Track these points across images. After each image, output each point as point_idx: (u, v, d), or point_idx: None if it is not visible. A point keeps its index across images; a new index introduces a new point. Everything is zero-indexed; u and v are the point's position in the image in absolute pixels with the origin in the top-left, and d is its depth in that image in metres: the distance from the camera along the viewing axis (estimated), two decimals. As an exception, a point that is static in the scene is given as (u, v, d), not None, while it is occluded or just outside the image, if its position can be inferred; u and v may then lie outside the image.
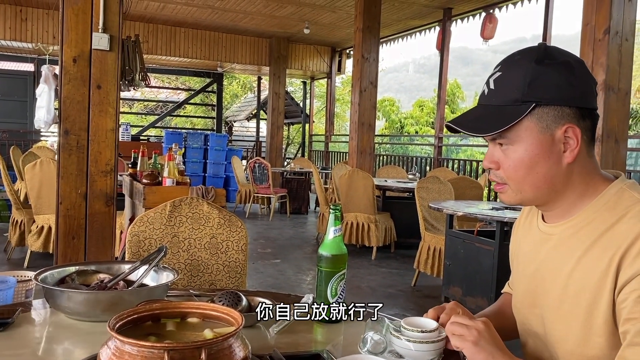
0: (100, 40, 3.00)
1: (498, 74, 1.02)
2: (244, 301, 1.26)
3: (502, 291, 1.38)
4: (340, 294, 1.29)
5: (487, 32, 7.85)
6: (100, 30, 3.00)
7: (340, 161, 10.86)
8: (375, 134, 7.77)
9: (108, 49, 3.03)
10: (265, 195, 8.77)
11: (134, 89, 5.02)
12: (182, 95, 17.58)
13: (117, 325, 0.91)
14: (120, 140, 8.96)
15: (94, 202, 3.09)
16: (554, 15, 7.02)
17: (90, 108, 3.05)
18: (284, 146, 13.41)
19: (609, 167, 1.97)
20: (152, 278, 1.39)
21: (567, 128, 0.98)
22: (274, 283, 4.81)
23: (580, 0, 4.26)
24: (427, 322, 1.10)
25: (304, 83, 14.76)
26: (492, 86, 1.02)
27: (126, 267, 1.41)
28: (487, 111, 1.02)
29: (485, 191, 7.01)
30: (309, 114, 14.60)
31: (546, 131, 0.98)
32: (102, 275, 1.39)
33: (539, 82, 0.97)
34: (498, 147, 1.04)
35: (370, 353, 1.05)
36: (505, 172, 1.04)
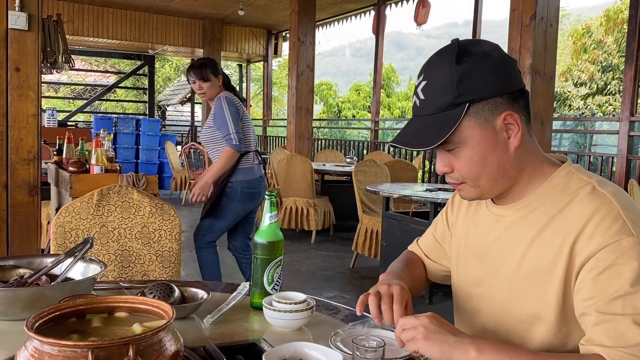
0: (18, 20, 2.81)
1: (424, 82, 1.01)
2: (177, 292, 1.22)
3: (409, 248, 1.36)
4: (277, 280, 1.27)
5: (420, 17, 7.96)
6: (17, 9, 2.81)
7: (278, 146, 10.80)
8: (313, 118, 7.76)
9: (26, 29, 2.84)
10: (202, 181, 8.58)
11: (57, 71, 4.74)
12: (112, 79, 16.87)
13: (37, 324, 0.85)
14: (46, 126, 8.60)
15: (16, 192, 2.91)
16: (483, 1, 7.22)
17: (9, 92, 2.86)
18: (220, 131, 13.14)
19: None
20: (78, 271, 1.31)
21: (506, 115, 0.99)
22: (212, 270, 4.73)
23: (508, -14, 4.39)
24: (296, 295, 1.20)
25: (240, 66, 14.52)
26: (421, 96, 1.02)
27: (49, 261, 1.32)
28: (424, 122, 1.02)
29: (420, 173, 7.17)
30: (245, 97, 14.40)
31: (487, 124, 0.99)
32: (22, 271, 1.30)
33: (466, 81, 0.97)
34: (446, 152, 1.03)
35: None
36: (459, 173, 1.03)
